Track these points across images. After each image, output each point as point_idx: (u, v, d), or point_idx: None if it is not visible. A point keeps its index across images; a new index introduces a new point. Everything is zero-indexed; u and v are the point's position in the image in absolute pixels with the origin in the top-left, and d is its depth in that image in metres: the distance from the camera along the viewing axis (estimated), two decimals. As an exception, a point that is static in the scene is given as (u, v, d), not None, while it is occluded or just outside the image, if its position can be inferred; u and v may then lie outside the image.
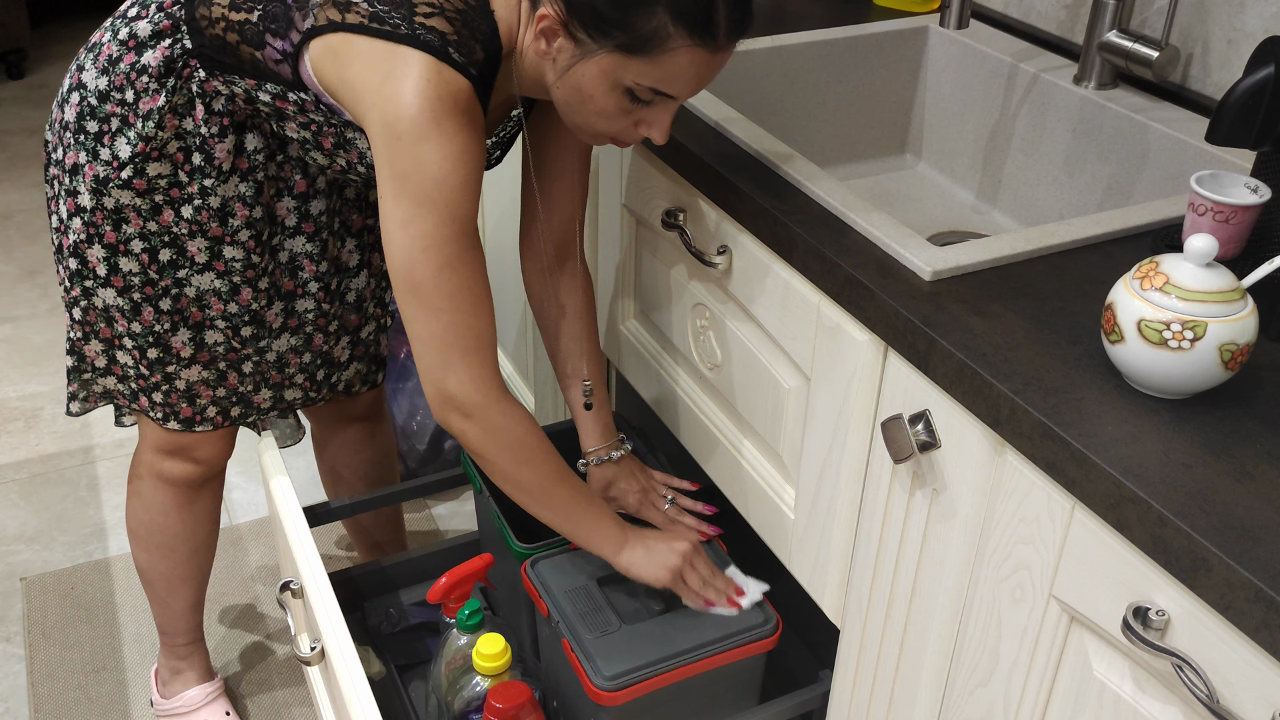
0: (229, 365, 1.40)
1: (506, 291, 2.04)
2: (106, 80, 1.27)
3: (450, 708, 1.39)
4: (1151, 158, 1.28)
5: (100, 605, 1.97)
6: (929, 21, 1.58)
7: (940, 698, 1.07)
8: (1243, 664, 0.73)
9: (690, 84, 1.07)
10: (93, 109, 1.28)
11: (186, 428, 1.44)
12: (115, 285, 1.33)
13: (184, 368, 1.39)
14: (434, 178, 1.05)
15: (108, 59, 1.27)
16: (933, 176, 1.60)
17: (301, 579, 1.33)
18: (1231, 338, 0.82)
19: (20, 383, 2.53)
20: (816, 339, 1.12)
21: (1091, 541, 0.84)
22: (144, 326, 1.35)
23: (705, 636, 1.27)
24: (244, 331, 1.38)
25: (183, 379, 1.40)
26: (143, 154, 1.25)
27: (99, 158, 1.28)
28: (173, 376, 1.39)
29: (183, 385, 1.40)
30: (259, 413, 1.49)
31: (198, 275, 1.32)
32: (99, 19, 4.57)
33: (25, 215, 3.19)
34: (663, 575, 1.27)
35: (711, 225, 1.26)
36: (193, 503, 1.56)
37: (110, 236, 1.30)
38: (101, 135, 1.27)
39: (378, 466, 1.77)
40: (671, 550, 1.28)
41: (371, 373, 1.59)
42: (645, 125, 1.12)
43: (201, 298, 1.34)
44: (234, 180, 1.28)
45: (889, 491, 1.07)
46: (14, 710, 1.79)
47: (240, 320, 1.36)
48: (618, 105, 1.08)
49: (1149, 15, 1.38)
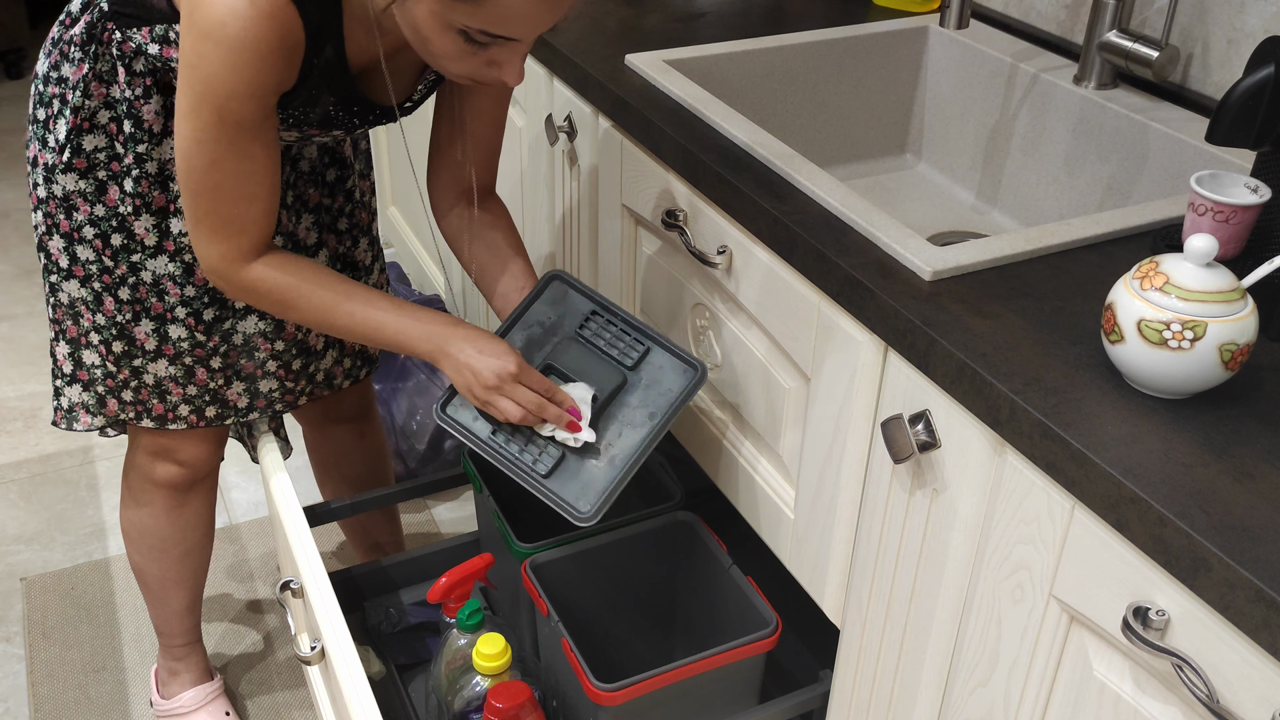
0: (196, 361, 1.39)
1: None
2: (48, 62, 1.30)
3: (450, 708, 1.39)
4: (1151, 158, 1.28)
5: (100, 605, 1.97)
6: (929, 21, 1.58)
7: (940, 698, 1.07)
8: (1243, 664, 0.73)
9: (524, 27, 1.03)
10: (40, 95, 1.31)
11: (160, 425, 1.44)
12: (77, 275, 1.34)
13: (150, 361, 1.38)
14: (215, 78, 1.06)
15: (50, 40, 1.31)
16: (933, 176, 1.60)
17: (301, 579, 1.33)
18: (1231, 338, 0.82)
19: (19, 382, 2.53)
20: (816, 339, 1.12)
21: (1091, 541, 0.84)
22: (107, 318, 1.35)
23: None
24: (206, 315, 1.37)
25: (150, 373, 1.39)
26: (75, 128, 1.26)
27: (47, 145, 1.30)
28: (140, 371, 1.39)
29: (151, 380, 1.40)
30: (237, 413, 1.47)
31: (151, 260, 1.33)
32: (98, 19, 4.57)
33: (23, 214, 3.20)
34: (468, 396, 1.23)
35: (711, 225, 1.26)
36: (182, 506, 1.56)
37: (65, 225, 1.32)
38: (47, 121, 1.30)
39: (368, 466, 1.76)
40: (488, 373, 1.21)
41: (355, 367, 1.58)
42: (495, 67, 1.08)
43: (158, 283, 1.34)
44: (167, 143, 1.27)
45: (889, 491, 1.07)
46: (14, 710, 1.79)
47: (200, 303, 1.36)
48: (457, 47, 1.05)
49: (1149, 15, 1.38)
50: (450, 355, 1.22)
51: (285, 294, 1.20)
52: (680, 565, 1.45)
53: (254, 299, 1.21)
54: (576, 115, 1.55)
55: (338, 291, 1.21)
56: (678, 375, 1.28)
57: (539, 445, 1.26)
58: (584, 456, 1.26)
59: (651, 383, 1.29)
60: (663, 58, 1.46)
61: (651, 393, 1.28)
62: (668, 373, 1.29)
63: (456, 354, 1.21)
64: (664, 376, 1.29)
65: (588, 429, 1.25)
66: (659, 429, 1.25)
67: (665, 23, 1.61)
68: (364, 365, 1.60)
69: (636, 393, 1.28)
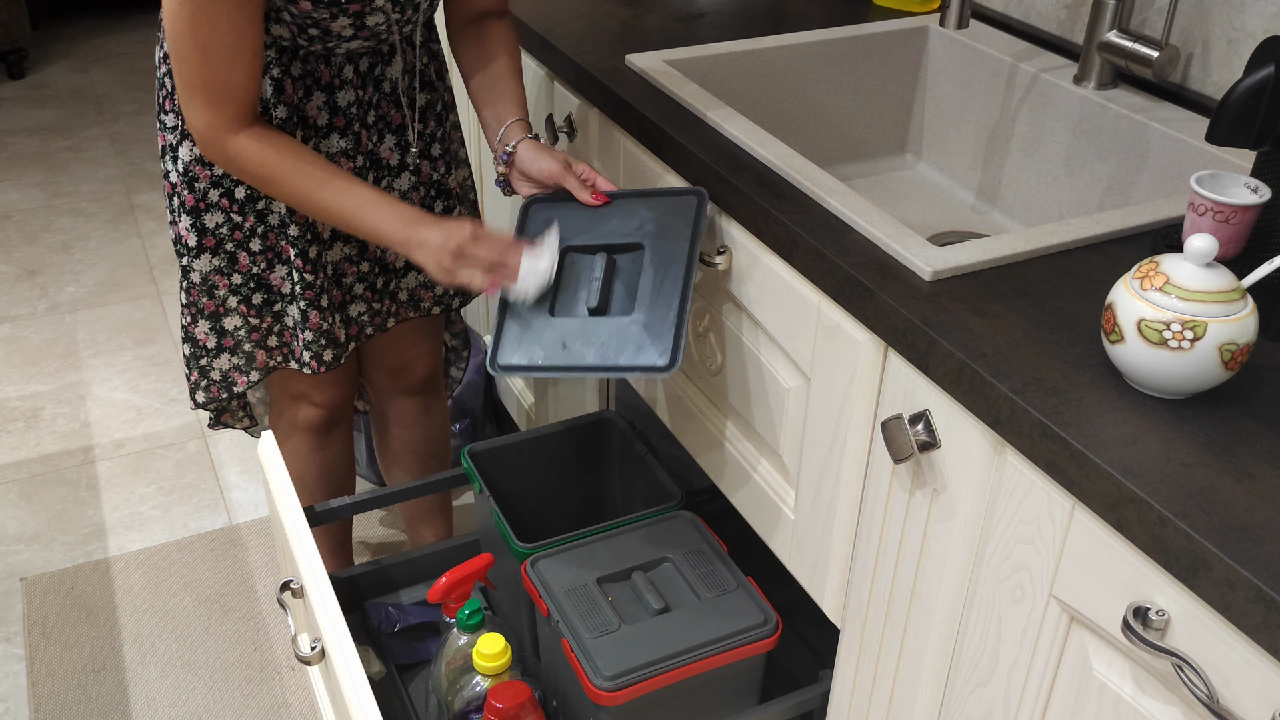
0: (308, 304, 1.45)
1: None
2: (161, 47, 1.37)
3: (450, 708, 1.39)
4: (1151, 158, 1.28)
5: (100, 605, 1.97)
6: (929, 21, 1.58)
7: (940, 698, 1.07)
8: (1243, 664, 0.73)
9: None
10: (159, 79, 1.39)
11: (301, 368, 1.52)
12: (208, 247, 1.42)
13: (288, 304, 1.46)
14: None
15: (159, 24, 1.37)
16: (933, 176, 1.60)
17: (301, 579, 1.33)
18: (1231, 337, 0.82)
19: (20, 383, 2.53)
20: (816, 339, 1.12)
21: (1091, 541, 0.84)
22: (243, 275, 1.44)
23: (705, 636, 1.27)
24: (310, 253, 1.43)
25: (289, 315, 1.48)
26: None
27: (166, 126, 1.38)
28: (281, 315, 1.48)
29: (290, 322, 1.48)
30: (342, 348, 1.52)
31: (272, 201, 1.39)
32: (99, 19, 4.57)
33: (25, 215, 3.20)
34: (440, 278, 1.27)
35: (711, 225, 1.26)
36: (323, 448, 1.67)
37: (190, 199, 1.40)
38: (164, 103, 1.37)
39: (430, 443, 1.82)
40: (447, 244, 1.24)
41: (445, 294, 1.62)
42: None
43: (284, 225, 1.41)
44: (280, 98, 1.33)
45: (889, 491, 1.07)
46: (14, 710, 1.79)
47: (304, 242, 1.41)
48: None
49: (1149, 15, 1.38)
50: (418, 238, 1.26)
51: (270, 169, 1.27)
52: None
53: (239, 171, 1.27)
54: (576, 115, 1.55)
55: (321, 171, 1.28)
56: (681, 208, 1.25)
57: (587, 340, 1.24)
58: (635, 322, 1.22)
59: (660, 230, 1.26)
60: (663, 58, 1.46)
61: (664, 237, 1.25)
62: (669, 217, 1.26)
63: (425, 237, 1.26)
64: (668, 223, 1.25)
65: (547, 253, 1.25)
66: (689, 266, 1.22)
67: (665, 23, 1.61)
68: (456, 294, 1.64)
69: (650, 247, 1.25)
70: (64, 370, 2.57)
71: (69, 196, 3.30)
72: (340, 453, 1.72)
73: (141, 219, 3.20)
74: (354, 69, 1.37)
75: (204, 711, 1.78)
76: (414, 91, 1.44)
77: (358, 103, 1.39)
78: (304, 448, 1.66)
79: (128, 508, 2.19)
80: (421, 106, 1.47)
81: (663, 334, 1.20)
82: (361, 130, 1.41)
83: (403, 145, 1.46)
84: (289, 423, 1.64)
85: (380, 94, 1.42)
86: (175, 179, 1.41)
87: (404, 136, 1.46)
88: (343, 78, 1.36)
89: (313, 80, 1.35)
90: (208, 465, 2.30)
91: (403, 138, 1.46)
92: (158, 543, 2.11)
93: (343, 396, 1.64)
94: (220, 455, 2.33)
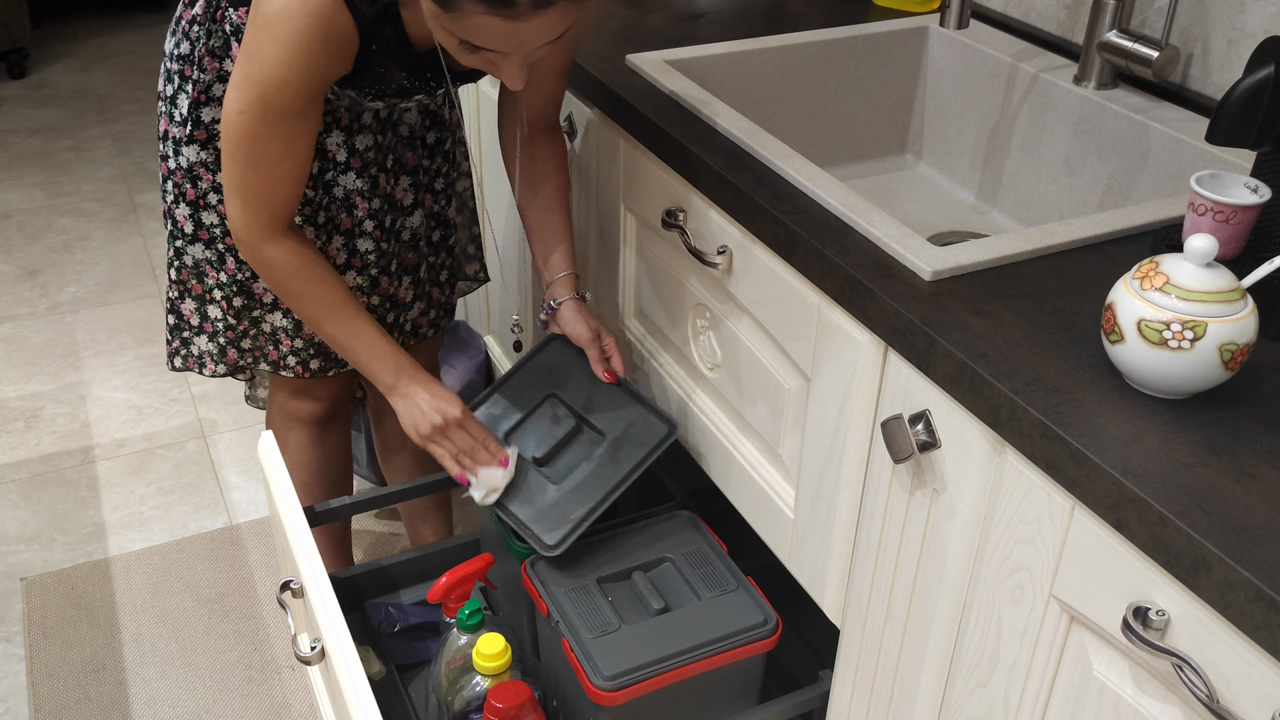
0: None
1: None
2: (172, 41, 1.40)
3: (450, 708, 1.39)
4: (1151, 158, 1.28)
5: (100, 605, 1.97)
6: (929, 21, 1.58)
7: (940, 698, 1.07)
8: (1243, 664, 0.73)
9: (502, 45, 1.09)
10: (167, 71, 1.41)
11: (274, 370, 1.54)
12: (202, 239, 1.45)
13: (268, 312, 1.49)
14: (265, 66, 1.17)
15: (174, 20, 1.40)
16: (933, 176, 1.60)
17: (301, 579, 1.33)
18: (1231, 338, 0.82)
19: (20, 383, 2.53)
20: (816, 339, 1.12)
21: (1091, 541, 0.84)
22: (229, 276, 1.46)
23: (705, 636, 1.27)
24: None
25: (268, 323, 1.50)
26: (194, 101, 1.36)
27: (174, 119, 1.40)
28: (259, 320, 1.50)
29: (268, 329, 1.50)
30: (337, 364, 1.56)
31: None
32: (101, 18, 4.58)
33: (25, 215, 3.20)
34: (412, 434, 1.35)
35: (711, 225, 1.26)
36: (323, 439, 1.68)
37: (191, 194, 1.42)
38: (173, 96, 1.40)
39: None
40: (434, 412, 1.33)
41: (438, 317, 1.66)
42: (495, 69, 1.15)
43: None
44: None
45: (889, 491, 1.07)
46: (14, 710, 1.79)
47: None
48: (456, 46, 1.12)
49: (1149, 15, 1.38)
50: (405, 391, 1.34)
51: (290, 282, 1.31)
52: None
53: (263, 276, 1.31)
54: (576, 115, 1.55)
55: (335, 298, 1.33)
56: (651, 431, 1.39)
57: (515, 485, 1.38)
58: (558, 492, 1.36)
59: (625, 435, 1.39)
60: (663, 58, 1.46)
61: (624, 444, 1.38)
62: (640, 428, 1.39)
63: (412, 393, 1.34)
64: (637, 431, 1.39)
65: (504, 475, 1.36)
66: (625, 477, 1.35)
67: (665, 23, 1.61)
68: (444, 315, 1.68)
69: (608, 443, 1.38)
70: (64, 370, 2.58)
71: (70, 196, 3.30)
72: (338, 445, 1.72)
73: (143, 219, 3.20)
74: (373, 115, 1.40)
75: (204, 711, 1.78)
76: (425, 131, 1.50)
77: (375, 147, 1.42)
78: (302, 440, 1.67)
79: (128, 508, 2.19)
80: (430, 144, 1.51)
81: (567, 520, 1.34)
82: (380, 174, 1.44)
83: (416, 185, 1.51)
84: (287, 415, 1.65)
85: (397, 138, 1.45)
86: (175, 167, 1.42)
87: (418, 177, 1.50)
88: (361, 123, 1.39)
89: (332, 119, 1.37)
90: (208, 465, 2.30)
91: (417, 178, 1.50)
92: (158, 543, 2.11)
93: (341, 390, 1.65)
94: (220, 455, 2.33)
